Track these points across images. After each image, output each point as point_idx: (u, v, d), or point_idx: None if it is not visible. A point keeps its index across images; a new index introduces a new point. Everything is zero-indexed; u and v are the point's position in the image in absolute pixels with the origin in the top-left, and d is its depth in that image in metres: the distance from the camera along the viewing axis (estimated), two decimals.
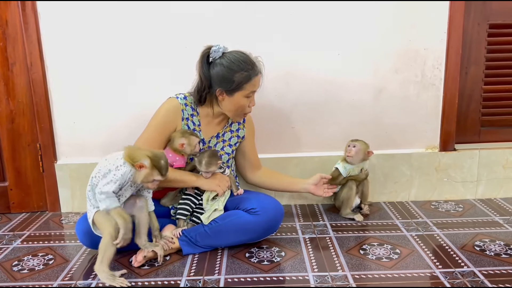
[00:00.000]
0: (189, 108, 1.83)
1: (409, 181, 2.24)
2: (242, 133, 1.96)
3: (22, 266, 1.68)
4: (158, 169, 1.52)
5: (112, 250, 1.51)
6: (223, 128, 1.91)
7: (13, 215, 2.23)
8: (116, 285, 1.49)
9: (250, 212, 1.71)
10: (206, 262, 1.66)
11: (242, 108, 1.79)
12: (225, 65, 1.71)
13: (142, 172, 1.51)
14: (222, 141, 1.91)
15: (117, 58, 2.09)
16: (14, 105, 2.13)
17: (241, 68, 1.71)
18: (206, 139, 1.87)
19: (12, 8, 2.03)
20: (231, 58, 1.72)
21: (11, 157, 2.18)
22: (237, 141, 1.95)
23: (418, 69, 2.13)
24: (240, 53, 1.74)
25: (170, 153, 1.77)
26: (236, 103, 1.77)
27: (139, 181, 1.54)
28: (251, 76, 1.72)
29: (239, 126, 1.95)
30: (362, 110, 2.18)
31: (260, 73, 1.76)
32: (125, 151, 1.53)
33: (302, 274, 1.55)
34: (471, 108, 2.27)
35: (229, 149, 1.93)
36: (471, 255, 1.66)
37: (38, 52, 2.07)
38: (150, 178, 1.53)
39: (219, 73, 1.72)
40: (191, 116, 1.84)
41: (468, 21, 2.16)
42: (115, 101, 2.13)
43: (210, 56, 1.74)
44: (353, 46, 2.10)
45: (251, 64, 1.73)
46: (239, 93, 1.75)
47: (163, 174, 1.54)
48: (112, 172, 1.50)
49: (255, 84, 1.76)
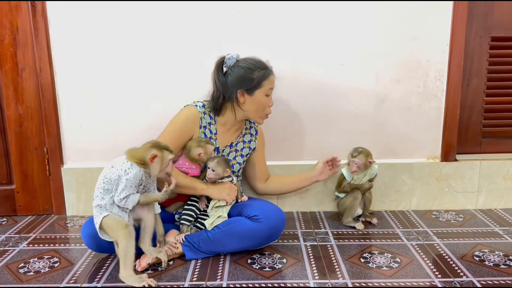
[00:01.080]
0: (207, 116, 1.87)
1: (410, 190, 2.26)
2: (254, 145, 2.00)
3: (28, 268, 1.71)
4: (165, 148, 1.58)
5: (132, 252, 1.54)
6: (236, 138, 1.95)
7: (19, 218, 2.26)
8: (146, 285, 1.52)
9: (253, 219, 1.74)
10: (209, 267, 1.69)
11: (263, 107, 1.86)
12: (243, 66, 1.79)
13: (156, 161, 1.55)
14: (234, 151, 1.95)
15: (124, 65, 2.13)
16: (23, 109, 2.17)
17: (258, 67, 1.80)
18: (221, 148, 1.91)
19: (23, 15, 2.08)
20: (246, 60, 1.82)
21: (19, 161, 2.22)
22: (248, 152, 2.00)
23: (420, 80, 2.16)
24: (252, 57, 1.84)
25: (186, 162, 1.80)
26: (257, 102, 1.83)
27: (158, 171, 1.57)
28: (268, 74, 1.82)
29: (251, 138, 2.00)
30: (364, 119, 2.21)
31: (273, 74, 1.85)
32: (127, 154, 1.57)
33: (303, 281, 1.57)
34: (472, 119, 2.30)
35: (241, 159, 1.97)
36: (470, 265, 1.68)
37: (47, 58, 2.11)
38: (165, 161, 1.58)
39: (238, 75, 1.79)
40: (209, 125, 1.87)
41: (470, 34, 2.19)
42: (121, 107, 2.17)
43: (225, 64, 1.81)
44: (357, 57, 2.14)
45: (264, 64, 1.83)
46: (259, 91, 1.81)
47: (171, 150, 1.60)
48: (123, 178, 1.53)
49: (272, 81, 1.85)
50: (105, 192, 1.57)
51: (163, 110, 2.11)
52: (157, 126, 1.97)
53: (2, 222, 2.20)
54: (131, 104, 2.17)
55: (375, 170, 2.09)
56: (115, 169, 1.55)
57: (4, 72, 2.12)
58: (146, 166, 1.56)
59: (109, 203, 1.57)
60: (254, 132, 2.01)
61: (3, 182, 2.26)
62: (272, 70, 1.85)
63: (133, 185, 1.54)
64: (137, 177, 1.54)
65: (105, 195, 1.57)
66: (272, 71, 1.85)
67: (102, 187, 1.57)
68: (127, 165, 1.54)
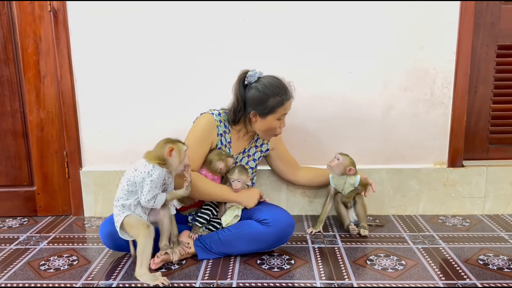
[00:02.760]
0: (223, 125, 1.92)
1: (417, 195, 2.31)
2: (266, 147, 2.08)
3: (48, 266, 1.80)
4: (178, 141, 1.68)
5: (149, 252, 1.63)
6: (249, 144, 2.02)
7: (39, 218, 2.36)
8: (160, 284, 1.60)
9: (262, 223, 1.80)
10: (220, 267, 1.76)
11: (273, 130, 1.91)
12: (260, 89, 1.82)
13: (174, 154, 1.63)
14: (247, 156, 2.02)
15: (140, 72, 2.22)
16: (44, 115, 2.27)
17: (275, 93, 1.82)
18: (235, 155, 1.98)
19: (46, 24, 2.18)
20: (265, 83, 1.83)
21: (39, 163, 2.32)
22: (260, 156, 2.07)
23: (427, 87, 2.21)
24: (274, 79, 1.85)
25: (209, 173, 1.88)
26: (268, 125, 1.88)
27: (178, 163, 1.66)
28: (283, 101, 1.84)
29: (263, 141, 2.06)
30: (372, 125, 2.26)
31: (292, 98, 1.87)
32: (146, 157, 1.65)
33: (310, 282, 1.63)
34: (479, 126, 2.34)
35: (253, 163, 2.04)
36: (474, 268, 1.72)
37: (68, 65, 2.21)
38: (182, 152, 1.66)
39: (254, 97, 1.83)
40: (224, 133, 1.93)
41: (477, 42, 2.23)
42: (137, 112, 2.26)
43: (246, 79, 1.85)
44: (365, 64, 2.19)
45: (284, 89, 1.84)
46: (271, 116, 1.85)
47: (184, 142, 1.70)
48: (147, 180, 1.61)
49: (287, 107, 1.87)
50: (129, 193, 1.65)
51: (178, 116, 2.21)
52: (172, 131, 2.05)
53: (23, 222, 2.30)
54: (147, 110, 2.26)
55: (355, 181, 2.06)
56: (139, 172, 1.63)
57: (27, 79, 2.23)
58: (167, 164, 1.64)
59: (133, 204, 1.66)
60: (269, 139, 2.06)
61: (24, 184, 2.36)
62: (290, 94, 1.86)
63: (158, 185, 1.63)
64: (161, 177, 1.63)
65: (129, 196, 1.65)
66: (291, 95, 1.86)
67: (126, 189, 1.65)
68: (149, 167, 1.62)
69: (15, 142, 2.30)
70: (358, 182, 2.06)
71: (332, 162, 2.06)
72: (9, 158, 2.32)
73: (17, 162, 2.33)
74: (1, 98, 2.26)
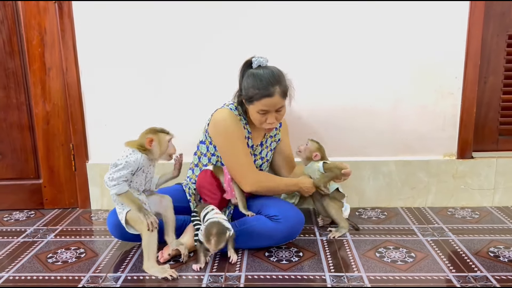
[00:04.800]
0: (242, 117, 1.90)
1: (426, 187, 2.29)
2: (278, 137, 2.05)
3: (56, 258, 1.79)
4: (161, 131, 1.65)
5: (155, 245, 1.62)
6: (264, 136, 1.99)
7: (46, 211, 2.36)
8: (168, 276, 1.59)
9: (272, 219, 1.77)
10: (228, 259, 1.74)
11: (258, 122, 1.83)
12: (250, 76, 1.79)
13: (154, 145, 1.62)
14: (265, 147, 2.00)
15: (148, 65, 2.20)
16: (50, 107, 2.26)
17: (255, 86, 1.75)
18: (255, 147, 1.95)
19: (51, 16, 2.17)
20: (257, 73, 1.78)
21: (46, 156, 2.32)
22: (275, 146, 2.05)
23: (437, 78, 2.18)
24: (268, 72, 1.77)
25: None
26: (251, 114, 1.84)
27: (159, 154, 1.64)
28: (261, 97, 1.75)
29: (276, 131, 2.04)
30: (381, 117, 2.24)
31: (272, 97, 1.75)
32: (127, 144, 1.64)
33: (319, 274, 1.62)
34: (489, 117, 2.31)
35: (270, 154, 2.03)
36: (484, 260, 1.70)
37: (73, 58, 2.20)
38: (164, 143, 1.64)
39: (244, 82, 1.81)
40: (245, 125, 1.91)
41: (487, 32, 2.20)
42: (143, 105, 2.25)
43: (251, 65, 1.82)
44: (374, 54, 2.17)
45: (268, 85, 1.74)
46: (251, 106, 1.80)
47: (168, 132, 1.67)
48: (121, 160, 1.58)
49: (266, 104, 1.76)
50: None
51: (186, 109, 2.19)
52: (179, 123, 2.04)
53: (30, 215, 2.30)
54: (153, 102, 2.24)
55: (318, 167, 1.95)
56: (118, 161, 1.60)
57: (33, 72, 2.22)
58: (147, 151, 1.62)
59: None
60: (278, 125, 2.03)
61: (31, 177, 2.36)
62: (272, 93, 1.73)
63: (129, 168, 1.59)
64: (137, 162, 1.60)
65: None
66: (271, 94, 1.74)
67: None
68: (129, 150, 1.61)
69: (21, 135, 2.30)
70: (322, 168, 1.94)
71: (300, 147, 2.03)
72: (15, 151, 2.32)
73: (23, 155, 2.32)
74: (7, 91, 2.25)
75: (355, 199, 2.31)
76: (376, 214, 2.22)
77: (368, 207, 2.32)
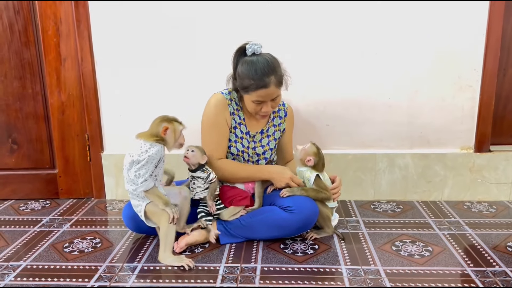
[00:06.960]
0: (234, 103, 1.90)
1: (442, 181, 2.26)
2: (283, 127, 2.02)
3: (72, 248, 1.81)
4: (174, 120, 1.66)
5: (173, 236, 1.64)
6: (266, 124, 1.98)
7: (61, 201, 2.37)
8: (185, 265, 1.60)
9: (286, 210, 1.76)
10: (243, 251, 1.74)
11: (253, 111, 1.84)
12: (244, 64, 1.77)
13: (169, 133, 1.62)
14: (267, 136, 1.97)
15: (163, 55, 2.19)
16: (65, 98, 2.26)
17: (250, 76, 1.74)
18: (252, 133, 1.94)
19: (66, 7, 2.16)
20: (252, 61, 1.75)
21: (61, 146, 2.33)
22: (280, 135, 2.02)
23: (455, 70, 2.15)
24: (263, 60, 1.75)
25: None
26: (247, 103, 1.84)
27: (173, 142, 1.64)
28: (256, 88, 1.75)
29: (281, 120, 2.01)
30: (397, 109, 2.21)
31: (268, 87, 1.74)
32: (142, 137, 1.61)
33: (335, 267, 1.61)
34: (507, 110, 2.27)
35: (273, 143, 2.00)
36: (503, 255, 1.68)
37: (89, 48, 2.19)
38: (178, 132, 1.65)
39: (238, 71, 1.80)
40: (236, 111, 1.90)
41: (507, 23, 2.15)
42: (158, 96, 2.24)
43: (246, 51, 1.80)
44: (391, 47, 2.14)
45: (263, 75, 1.73)
46: (246, 95, 1.80)
47: (181, 122, 1.68)
48: (143, 155, 1.56)
49: (261, 95, 1.77)
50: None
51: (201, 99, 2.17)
52: (193, 114, 2.02)
53: (46, 205, 2.32)
54: (168, 93, 2.24)
55: (308, 178, 1.85)
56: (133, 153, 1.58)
57: (48, 62, 2.22)
58: (164, 141, 1.62)
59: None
60: (283, 115, 2.01)
61: (46, 167, 2.37)
62: (268, 83, 1.73)
63: (153, 162, 1.58)
64: (159, 153, 1.59)
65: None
66: (268, 84, 1.73)
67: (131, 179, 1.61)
68: (147, 145, 1.58)
69: (36, 125, 2.31)
70: (311, 182, 1.83)
71: (299, 146, 1.91)
72: (31, 141, 2.33)
73: (39, 145, 2.34)
74: (22, 81, 2.26)
75: (370, 192, 2.29)
76: (391, 207, 2.20)
77: (383, 200, 2.30)
